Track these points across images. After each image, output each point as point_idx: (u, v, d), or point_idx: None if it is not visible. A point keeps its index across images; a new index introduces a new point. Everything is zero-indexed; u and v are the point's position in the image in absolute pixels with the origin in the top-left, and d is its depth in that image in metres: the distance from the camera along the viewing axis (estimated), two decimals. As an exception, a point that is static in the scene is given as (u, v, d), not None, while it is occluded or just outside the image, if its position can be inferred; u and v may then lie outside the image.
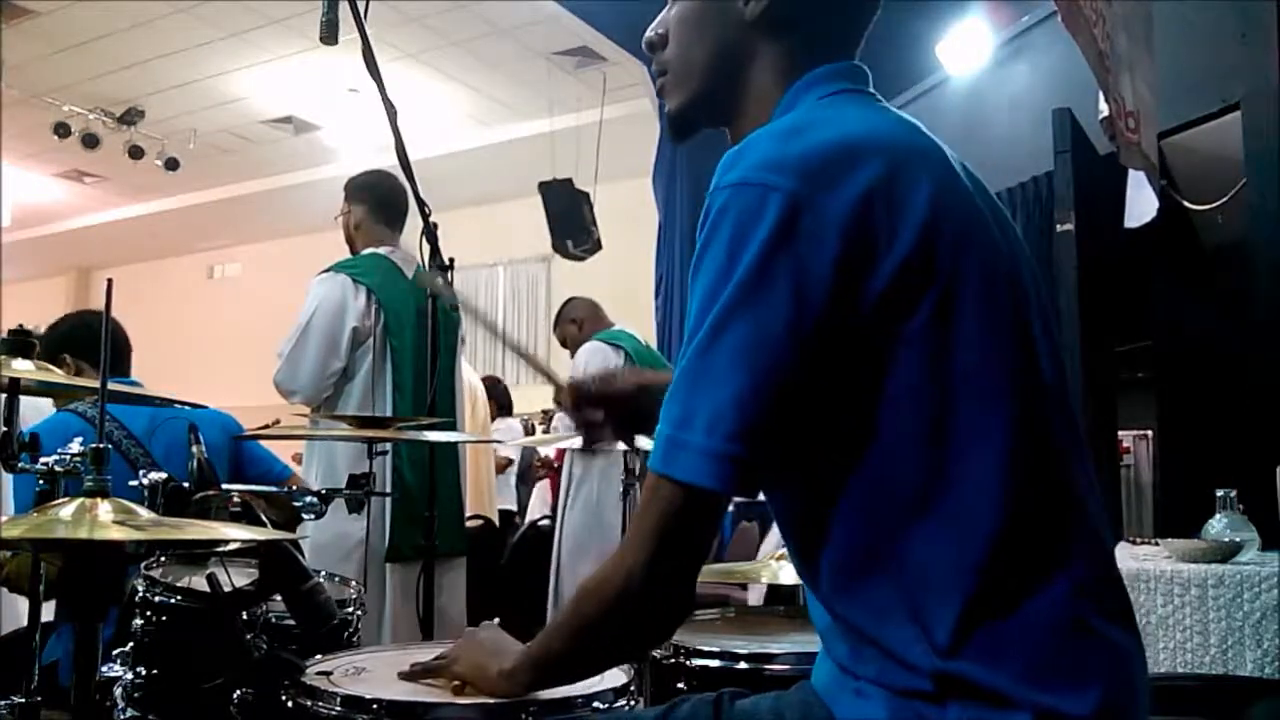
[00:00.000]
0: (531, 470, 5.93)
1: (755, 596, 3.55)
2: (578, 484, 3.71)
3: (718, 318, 0.82)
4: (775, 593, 3.17)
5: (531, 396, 7.32)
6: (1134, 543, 2.63)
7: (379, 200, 2.91)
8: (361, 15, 1.98)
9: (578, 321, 4.09)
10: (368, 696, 1.10)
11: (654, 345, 5.34)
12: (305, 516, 1.80)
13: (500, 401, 5.63)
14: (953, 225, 0.85)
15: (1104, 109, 2.99)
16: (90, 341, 2.41)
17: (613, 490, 3.59)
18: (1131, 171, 3.33)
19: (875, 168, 0.83)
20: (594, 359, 3.80)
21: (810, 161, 0.83)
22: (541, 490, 5.62)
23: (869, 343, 0.82)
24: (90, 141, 8.08)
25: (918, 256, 0.82)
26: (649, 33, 1.07)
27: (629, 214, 6.69)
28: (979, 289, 0.85)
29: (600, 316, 4.11)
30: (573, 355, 4.00)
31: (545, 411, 5.03)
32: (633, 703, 1.17)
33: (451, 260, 2.27)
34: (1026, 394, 0.86)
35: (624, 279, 6.42)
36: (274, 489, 1.97)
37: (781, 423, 0.82)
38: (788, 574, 1.81)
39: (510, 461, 5.67)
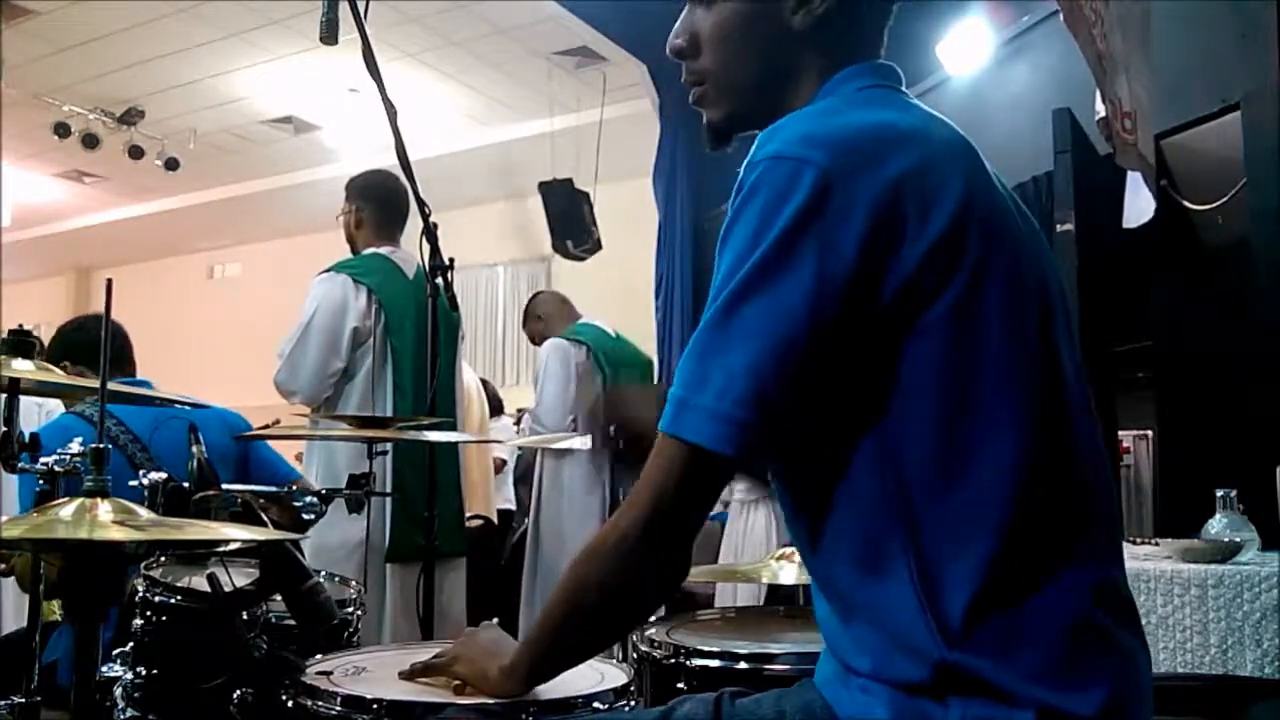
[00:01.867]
0: (531, 470, 5.90)
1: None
2: (550, 485, 3.70)
3: (740, 285, 0.83)
4: (775, 593, 3.17)
5: (525, 396, 7.32)
6: (1134, 543, 2.63)
7: (380, 200, 2.91)
8: (361, 15, 1.98)
9: (544, 317, 4.07)
10: (368, 696, 1.10)
11: (654, 345, 5.32)
12: (306, 517, 1.80)
13: (491, 402, 5.62)
14: (982, 220, 0.86)
15: (1101, 110, 2.99)
16: (89, 346, 2.40)
17: (586, 490, 3.58)
18: (1130, 172, 3.33)
19: (910, 156, 0.84)
20: (554, 357, 3.78)
21: (846, 140, 0.84)
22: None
23: (888, 326, 0.83)
24: (90, 141, 8.06)
25: (946, 246, 0.83)
26: (675, 39, 1.06)
27: (629, 214, 6.68)
28: (1004, 286, 0.85)
29: (567, 311, 4.07)
30: None
31: (520, 410, 5.01)
32: (633, 703, 1.17)
33: (451, 260, 2.27)
34: (1045, 390, 0.87)
35: (624, 279, 6.42)
36: (274, 489, 1.97)
37: (794, 396, 0.83)
38: (788, 574, 1.81)
39: (504, 462, 5.65)
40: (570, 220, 6.35)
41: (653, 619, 1.49)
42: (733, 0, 1.01)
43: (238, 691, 1.30)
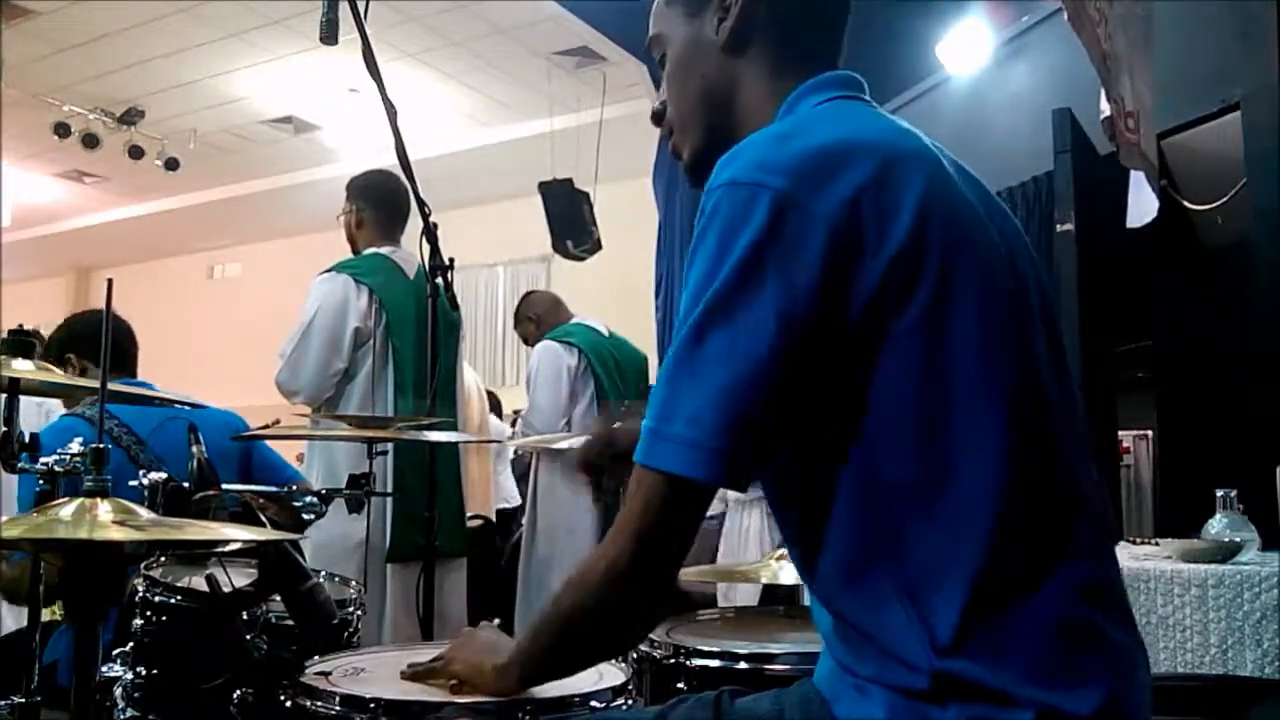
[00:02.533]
0: (529, 471, 5.87)
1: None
2: (545, 486, 3.69)
3: (704, 313, 0.83)
4: (772, 592, 3.16)
5: (524, 397, 7.30)
6: (1134, 543, 2.63)
7: (381, 200, 2.91)
8: (361, 15, 1.98)
9: (535, 319, 4.04)
10: (367, 696, 1.10)
11: (653, 344, 5.32)
12: (305, 517, 1.80)
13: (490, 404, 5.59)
14: (944, 226, 0.85)
15: (1105, 109, 3.00)
16: (96, 340, 2.40)
17: (578, 491, 3.58)
18: (1133, 171, 3.33)
19: (865, 169, 0.84)
20: (545, 358, 3.75)
21: (800, 162, 0.85)
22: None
23: (858, 342, 0.83)
24: (90, 141, 8.06)
25: (907, 256, 0.83)
26: (655, 106, 1.11)
27: (629, 214, 6.67)
28: (973, 290, 0.85)
29: (559, 311, 4.03)
30: None
31: (516, 411, 4.99)
32: (631, 702, 1.17)
33: (451, 260, 2.27)
34: (1024, 392, 0.86)
35: (624, 279, 6.40)
36: (274, 489, 1.97)
37: (766, 418, 0.83)
38: (788, 574, 1.81)
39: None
40: (570, 220, 6.34)
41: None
42: (672, 47, 1.07)
43: (238, 691, 1.30)
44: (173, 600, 1.52)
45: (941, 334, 0.83)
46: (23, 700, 1.27)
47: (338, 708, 1.11)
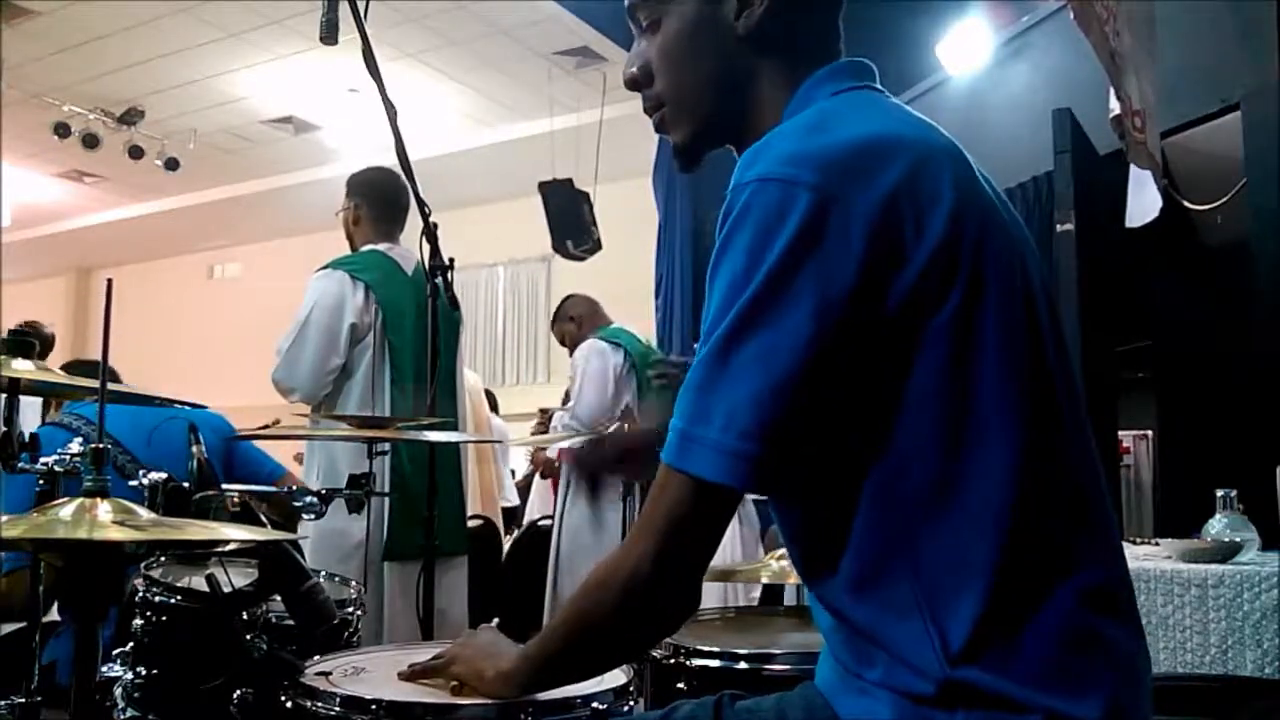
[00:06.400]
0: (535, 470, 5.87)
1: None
2: (577, 485, 3.71)
3: (739, 316, 0.81)
4: (770, 592, 3.17)
5: (530, 397, 7.31)
6: (1134, 543, 2.63)
7: (380, 197, 2.90)
8: (361, 15, 1.98)
9: (576, 319, 4.10)
10: (367, 697, 1.10)
11: (654, 345, 5.34)
12: (305, 516, 1.80)
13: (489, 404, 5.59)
14: (974, 222, 0.84)
15: (1114, 108, 3.00)
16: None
17: (612, 491, 3.58)
18: (1133, 170, 3.33)
19: (900, 166, 0.83)
20: (594, 356, 3.82)
21: (836, 158, 0.82)
22: (541, 490, 5.59)
23: (893, 341, 0.81)
24: (90, 141, 8.06)
25: (942, 254, 0.82)
26: (627, 70, 1.05)
27: (629, 214, 6.67)
28: (997, 286, 0.84)
29: (599, 314, 4.12)
30: (572, 354, 4.00)
31: (543, 410, 4.99)
32: (632, 704, 1.17)
33: (451, 260, 2.27)
34: (1036, 395, 0.86)
35: (624, 279, 6.40)
36: (274, 489, 1.97)
37: (799, 423, 0.82)
38: (787, 575, 1.81)
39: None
40: (570, 220, 6.34)
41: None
42: (675, 20, 1.00)
43: (238, 691, 1.30)
44: (173, 600, 1.52)
45: (969, 335, 0.82)
46: (23, 700, 1.27)
47: (338, 708, 1.11)
